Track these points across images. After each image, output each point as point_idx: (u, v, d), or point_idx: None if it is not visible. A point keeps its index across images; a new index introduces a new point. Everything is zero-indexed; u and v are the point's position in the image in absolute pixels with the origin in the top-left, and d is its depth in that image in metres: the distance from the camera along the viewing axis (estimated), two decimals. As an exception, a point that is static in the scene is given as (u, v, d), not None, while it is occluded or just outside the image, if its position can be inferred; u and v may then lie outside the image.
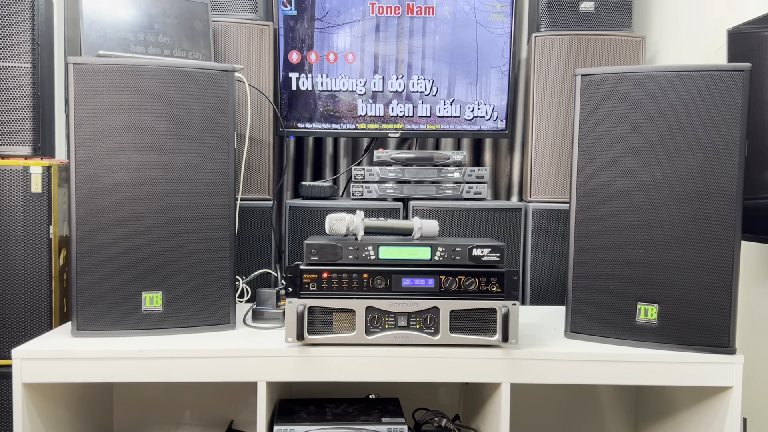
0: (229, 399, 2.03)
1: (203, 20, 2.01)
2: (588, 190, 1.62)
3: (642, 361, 1.54)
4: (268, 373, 1.53)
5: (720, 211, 1.51)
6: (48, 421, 1.61)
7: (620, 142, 1.58)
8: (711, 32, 2.07)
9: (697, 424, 1.68)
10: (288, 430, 1.58)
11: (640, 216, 1.56)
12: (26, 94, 1.86)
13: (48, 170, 1.85)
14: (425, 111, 2.32)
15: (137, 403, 2.02)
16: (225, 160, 1.65)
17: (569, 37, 2.19)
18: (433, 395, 2.06)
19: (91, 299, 1.59)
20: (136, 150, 1.58)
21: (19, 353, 1.50)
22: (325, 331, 1.53)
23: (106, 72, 1.56)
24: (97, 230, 1.58)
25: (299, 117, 2.32)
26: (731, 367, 1.53)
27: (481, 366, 1.54)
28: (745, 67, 1.49)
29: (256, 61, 2.19)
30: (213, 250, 1.65)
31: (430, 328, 1.53)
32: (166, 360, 1.52)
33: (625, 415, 2.09)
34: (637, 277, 1.57)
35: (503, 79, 2.31)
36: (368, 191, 2.19)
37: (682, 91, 1.52)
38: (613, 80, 1.58)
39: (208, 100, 1.63)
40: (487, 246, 1.55)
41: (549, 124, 2.21)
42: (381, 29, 2.27)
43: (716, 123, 1.50)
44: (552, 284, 2.17)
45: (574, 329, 1.65)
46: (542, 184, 2.22)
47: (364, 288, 1.54)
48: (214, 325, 1.67)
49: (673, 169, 1.53)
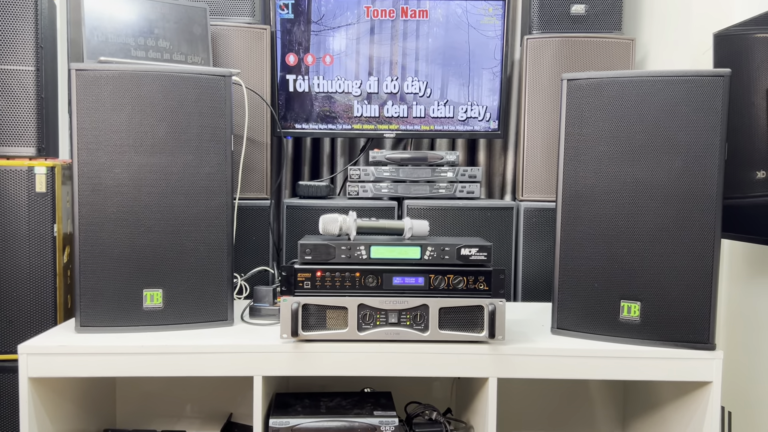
0: (228, 393, 2.08)
1: (202, 24, 2.06)
2: (574, 192, 1.66)
3: (625, 357, 1.59)
4: (263, 368, 1.58)
5: (701, 211, 1.56)
6: (53, 414, 1.66)
7: (605, 144, 1.62)
8: (699, 34, 2.11)
9: (680, 416, 1.73)
10: (283, 422, 1.63)
11: (624, 216, 1.61)
12: (30, 96, 1.91)
13: (52, 170, 1.91)
14: (419, 112, 2.37)
15: (139, 396, 2.08)
16: (222, 162, 1.70)
17: (560, 40, 2.24)
18: (426, 389, 2.12)
19: (94, 297, 1.64)
20: (136, 153, 1.64)
21: (25, 349, 1.56)
22: (318, 327, 1.58)
23: (107, 78, 1.61)
24: (100, 230, 1.64)
25: (296, 118, 2.38)
26: (711, 362, 1.58)
27: (469, 361, 1.59)
28: (725, 73, 1.53)
29: (254, 64, 2.24)
30: (211, 250, 1.70)
31: (420, 324, 1.59)
32: (166, 355, 1.58)
33: (613, 408, 2.14)
34: (621, 275, 1.62)
35: (495, 80, 2.36)
36: (364, 190, 2.24)
37: (665, 95, 1.56)
38: (598, 85, 1.62)
39: (206, 104, 1.67)
40: (475, 246, 1.60)
41: (540, 125, 2.25)
42: (375, 32, 2.32)
43: (697, 127, 1.55)
44: (543, 281, 2.22)
45: (560, 326, 1.70)
46: (534, 184, 2.27)
47: (356, 286, 1.59)
48: (212, 322, 1.72)
49: (655, 171, 1.58)
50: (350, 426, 1.64)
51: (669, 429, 1.79)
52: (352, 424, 1.65)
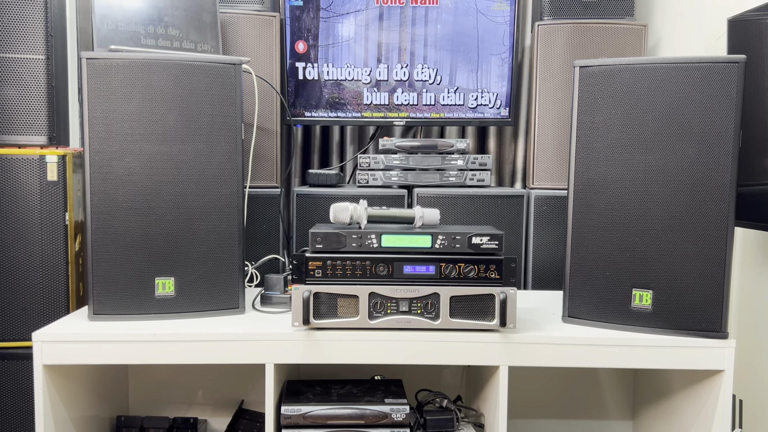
0: (239, 380, 2.10)
1: (211, 12, 2.05)
2: (585, 180, 1.66)
3: (636, 345, 1.59)
4: (275, 356, 1.59)
5: (714, 200, 1.55)
6: (67, 401, 1.68)
7: (617, 132, 1.61)
8: (712, 20, 2.09)
9: (691, 404, 1.73)
10: (295, 410, 1.65)
11: (636, 205, 1.60)
12: (41, 85, 1.92)
13: (63, 159, 1.91)
14: (429, 99, 2.36)
15: (151, 383, 2.10)
16: (233, 151, 1.70)
17: (572, 26, 2.22)
18: (437, 377, 2.12)
19: (107, 285, 1.65)
20: (147, 142, 1.64)
21: (39, 336, 1.57)
22: (329, 315, 1.59)
23: (117, 66, 1.61)
24: (111, 219, 1.64)
25: (306, 105, 2.37)
26: (723, 351, 1.58)
27: (480, 349, 1.59)
28: (740, 59, 1.52)
29: (263, 52, 2.23)
30: (222, 238, 1.71)
31: (431, 313, 1.59)
32: (179, 343, 1.59)
33: (623, 396, 2.14)
34: (633, 263, 1.61)
35: (503, 66, 2.34)
36: (373, 179, 2.24)
37: (678, 82, 1.55)
38: (610, 72, 1.61)
39: (217, 92, 1.67)
40: (486, 234, 1.60)
41: (551, 112, 2.24)
42: (384, 18, 2.31)
43: (711, 114, 1.53)
44: (553, 269, 2.22)
45: (572, 314, 1.70)
46: (544, 172, 2.26)
47: (367, 275, 1.59)
48: (223, 310, 1.73)
49: (668, 159, 1.57)
50: (362, 413, 1.65)
51: (679, 417, 1.79)
52: (364, 411, 1.66)
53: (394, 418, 1.65)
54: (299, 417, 1.64)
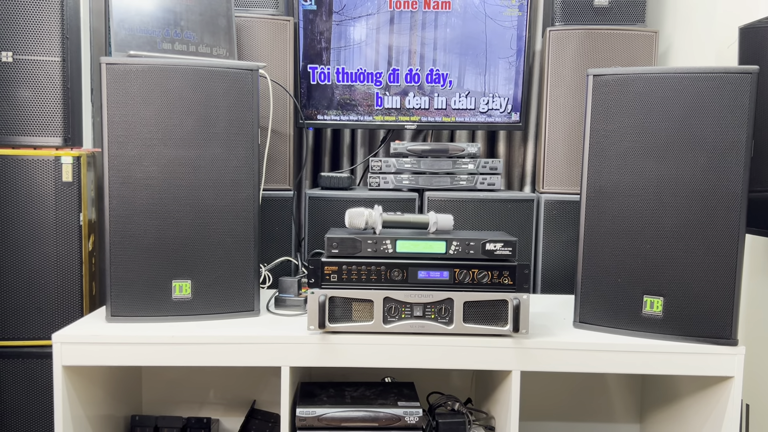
0: (251, 380, 2.12)
1: (227, 17, 2.07)
2: (598, 187, 1.67)
3: (647, 351, 1.61)
4: (291, 359, 1.61)
5: (725, 209, 1.56)
6: (84, 400, 1.70)
7: (629, 140, 1.63)
8: (723, 28, 2.10)
9: (699, 410, 1.75)
10: (309, 412, 1.67)
11: (648, 212, 1.62)
12: (57, 87, 1.94)
13: (78, 160, 1.94)
14: (441, 103, 2.38)
15: (164, 383, 2.12)
16: (250, 155, 1.72)
17: (583, 32, 2.23)
18: (446, 379, 2.14)
19: (125, 287, 1.67)
20: (165, 146, 1.65)
21: (59, 338, 1.59)
22: (344, 319, 1.61)
23: (136, 72, 1.63)
24: (130, 222, 1.66)
25: (318, 109, 2.39)
26: (732, 357, 1.59)
27: (493, 354, 1.61)
28: (753, 70, 1.53)
29: (277, 55, 2.25)
30: (238, 242, 1.73)
31: (445, 318, 1.61)
32: (196, 345, 1.61)
33: (631, 400, 2.17)
34: (644, 271, 1.63)
35: (510, 70, 2.35)
36: (384, 182, 2.26)
37: (691, 92, 1.56)
38: (624, 81, 1.63)
39: (234, 97, 1.69)
40: (500, 241, 1.62)
41: (562, 117, 2.25)
42: (395, 22, 2.32)
43: (723, 124, 1.55)
44: (563, 273, 2.24)
45: (583, 320, 1.72)
46: (554, 176, 2.27)
47: (382, 280, 1.61)
48: (239, 312, 1.75)
49: (680, 168, 1.58)
50: (376, 416, 1.67)
51: (687, 422, 1.81)
52: (378, 414, 1.68)
53: (407, 421, 1.67)
54: (314, 419, 1.66)
